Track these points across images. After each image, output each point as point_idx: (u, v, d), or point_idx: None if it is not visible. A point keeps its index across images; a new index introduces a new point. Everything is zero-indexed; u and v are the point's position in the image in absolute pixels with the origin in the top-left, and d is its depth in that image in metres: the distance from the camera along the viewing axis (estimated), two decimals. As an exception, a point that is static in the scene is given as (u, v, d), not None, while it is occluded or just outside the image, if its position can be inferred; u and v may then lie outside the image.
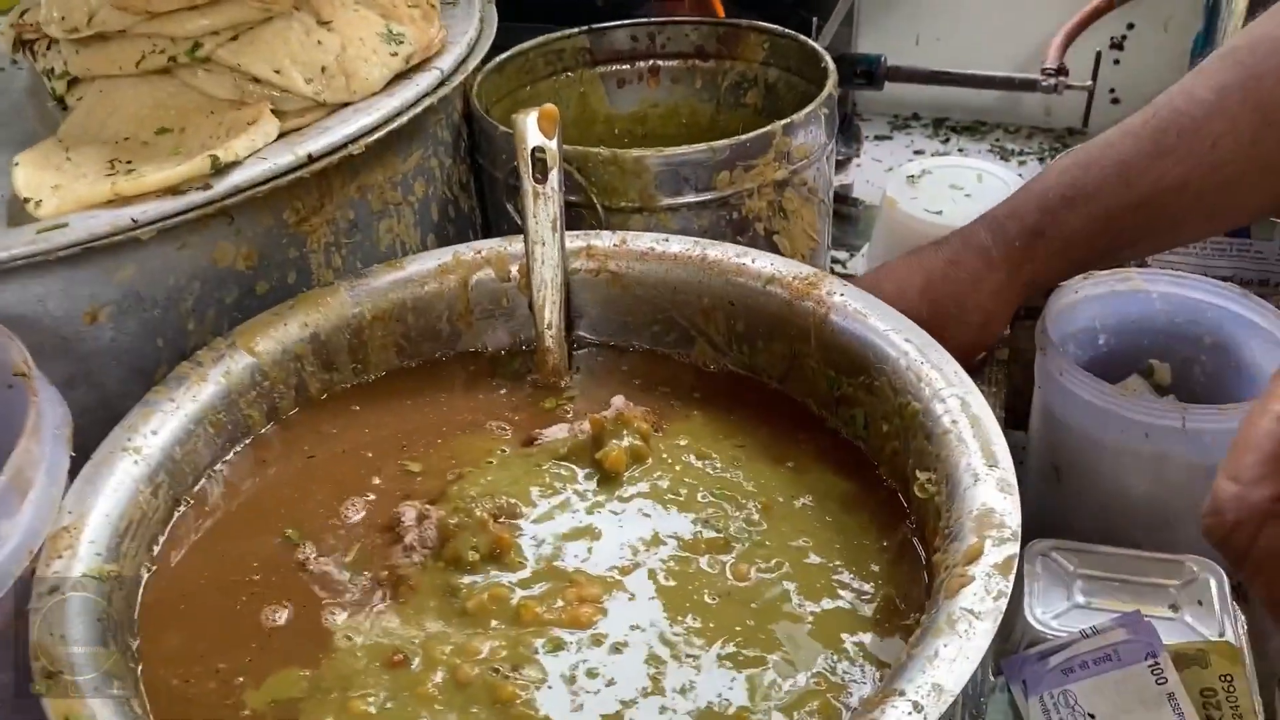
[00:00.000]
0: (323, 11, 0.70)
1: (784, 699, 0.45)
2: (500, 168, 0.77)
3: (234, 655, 0.48)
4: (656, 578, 0.52)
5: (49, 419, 0.51)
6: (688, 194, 0.74)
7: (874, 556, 0.53)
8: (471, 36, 0.79)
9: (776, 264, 0.64)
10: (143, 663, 0.48)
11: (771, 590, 0.51)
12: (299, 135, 0.66)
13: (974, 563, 0.45)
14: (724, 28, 0.93)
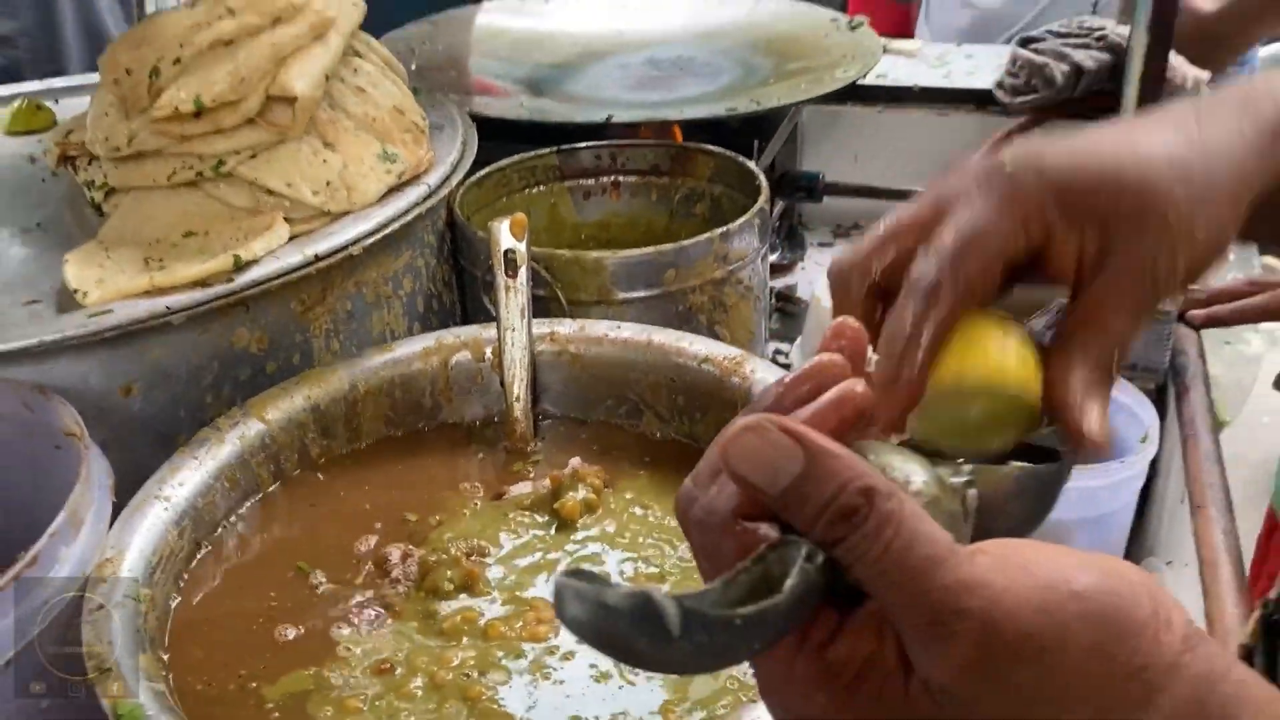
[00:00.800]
0: (328, 135, 0.83)
1: (702, 695, 0.55)
2: (478, 267, 0.89)
3: (251, 663, 0.58)
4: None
5: (96, 471, 0.62)
6: (640, 289, 0.86)
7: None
8: (455, 156, 0.92)
9: (710, 346, 0.76)
10: (171, 671, 0.58)
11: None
12: (307, 239, 0.78)
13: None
14: (676, 150, 1.07)
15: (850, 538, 0.30)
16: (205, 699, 0.56)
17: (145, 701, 0.51)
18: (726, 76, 1.28)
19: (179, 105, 0.77)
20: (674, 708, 0.55)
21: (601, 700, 0.55)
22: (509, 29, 1.42)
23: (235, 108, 0.78)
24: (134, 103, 0.81)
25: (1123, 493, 0.74)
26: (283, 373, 0.77)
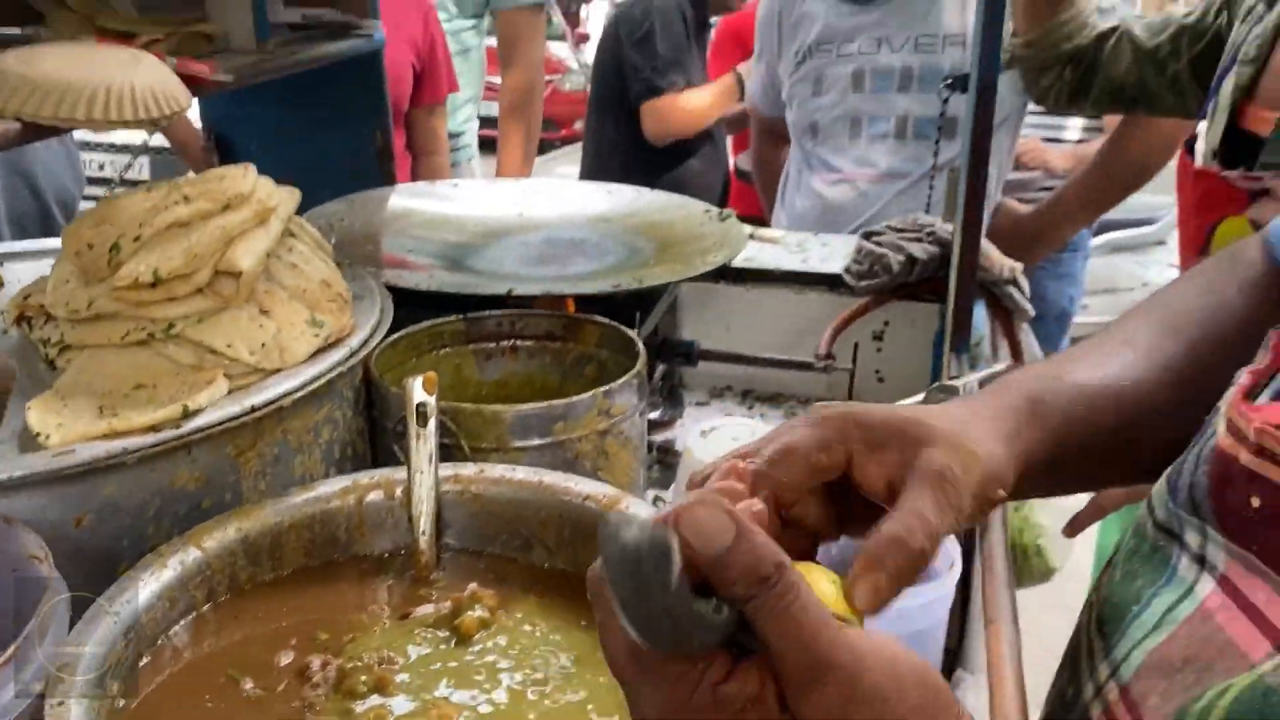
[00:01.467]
0: (265, 304, 0.97)
1: (577, 771, 0.67)
2: (389, 418, 1.02)
3: (189, 753, 0.67)
4: (495, 700, 0.73)
5: (58, 589, 0.71)
6: (533, 439, 1.00)
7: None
8: (373, 322, 1.06)
9: (591, 486, 0.89)
10: (117, 761, 0.67)
11: (574, 706, 0.73)
12: (244, 392, 0.90)
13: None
14: (567, 319, 1.23)
15: (760, 596, 0.41)
16: (149, 783, 0.65)
17: (104, 778, 0.60)
18: (614, 256, 1.45)
19: (138, 276, 0.90)
20: (553, 783, 0.66)
21: (492, 776, 0.66)
22: (419, 210, 1.59)
23: (187, 279, 0.91)
24: (94, 273, 0.93)
25: (934, 611, 0.89)
26: (216, 508, 0.88)
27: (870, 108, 2.06)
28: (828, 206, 2.12)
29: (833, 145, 2.11)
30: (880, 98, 2.05)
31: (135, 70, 1.03)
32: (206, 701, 0.73)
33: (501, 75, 2.60)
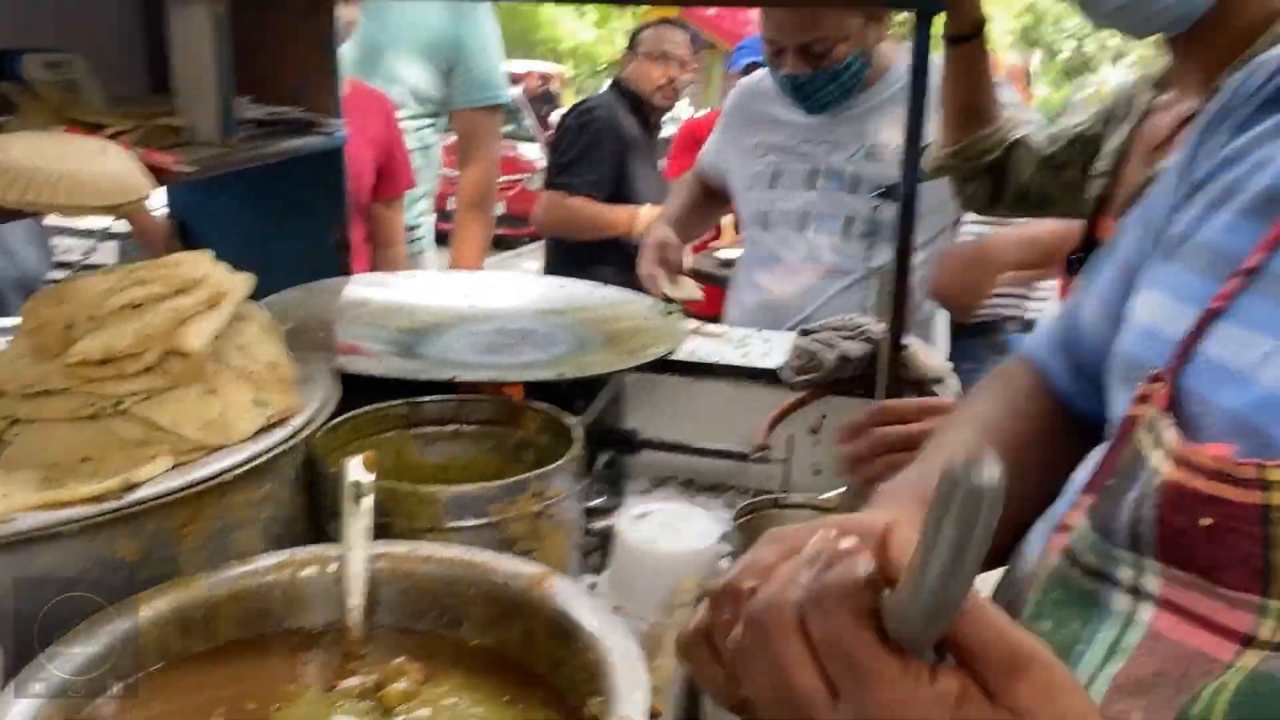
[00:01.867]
0: (213, 383, 1.01)
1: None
2: (329, 498, 1.05)
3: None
4: (413, 769, 0.76)
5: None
6: (468, 519, 1.04)
7: (563, 757, 0.78)
8: (318, 404, 1.10)
9: (519, 565, 0.93)
10: (38, 822, 0.68)
11: (490, 775, 0.75)
12: (187, 467, 0.94)
13: (611, 742, 0.71)
14: (509, 405, 1.27)
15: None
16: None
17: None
18: (561, 347, 1.51)
19: (90, 355, 0.94)
20: (463, 847, 0.68)
21: (404, 839, 0.68)
22: (375, 299, 1.64)
23: (137, 358, 0.95)
24: (48, 350, 0.97)
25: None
26: (153, 580, 0.90)
27: (821, 206, 2.15)
28: (775, 300, 2.20)
29: (781, 237, 2.20)
30: (831, 197, 2.15)
31: (100, 159, 1.08)
32: (131, 766, 0.75)
33: (459, 172, 2.70)
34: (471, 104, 2.63)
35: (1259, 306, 0.64)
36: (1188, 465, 0.60)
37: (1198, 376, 0.65)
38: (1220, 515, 0.57)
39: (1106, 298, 0.85)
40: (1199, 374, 0.65)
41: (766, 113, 2.27)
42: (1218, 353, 0.65)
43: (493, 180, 2.71)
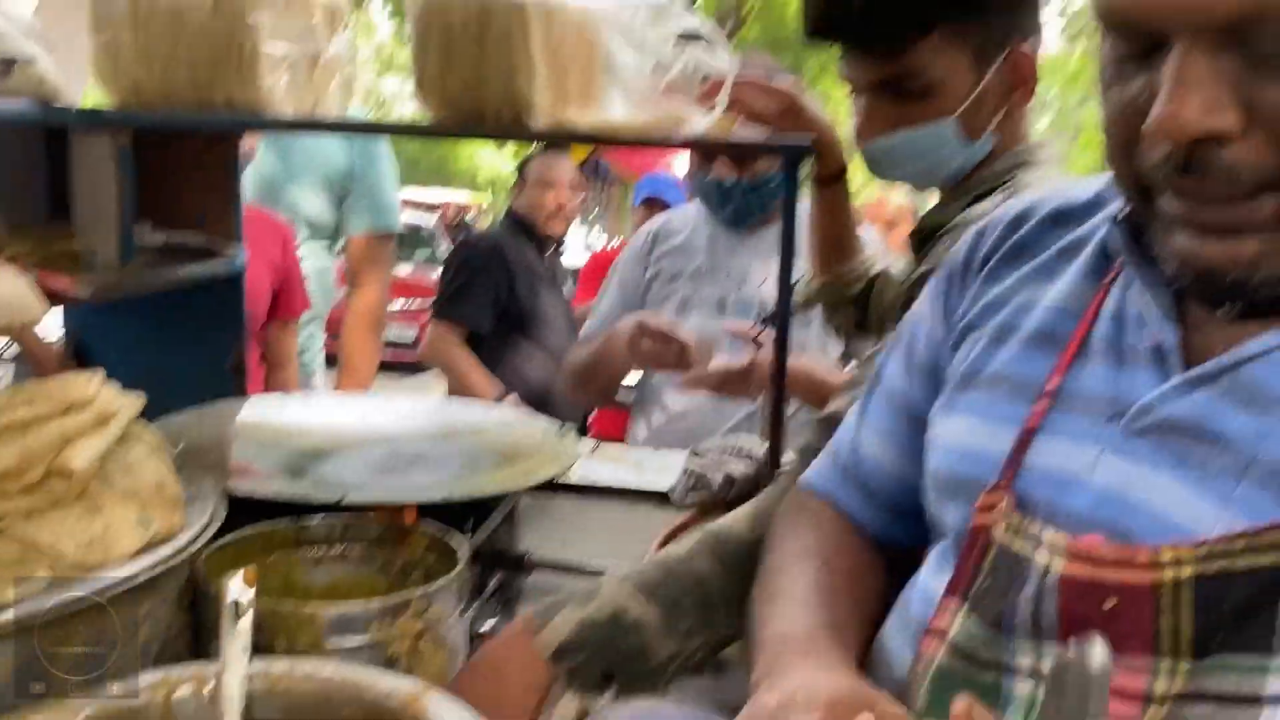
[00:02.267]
0: (96, 502, 1.01)
1: None
2: (211, 618, 1.06)
3: None
4: None
5: None
6: (349, 638, 1.05)
7: None
8: (204, 523, 1.11)
9: (395, 682, 0.94)
10: None
11: None
12: (64, 585, 0.94)
13: None
14: (396, 527, 1.29)
15: None
16: None
17: None
18: (455, 468, 1.54)
19: (-30, 473, 0.94)
20: None
21: None
22: (269, 421, 1.66)
23: (19, 477, 0.96)
24: (-73, 469, 0.97)
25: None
26: (25, 701, 0.90)
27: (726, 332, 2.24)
28: (681, 422, 2.27)
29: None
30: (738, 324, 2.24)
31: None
32: None
33: (349, 295, 2.76)
34: (364, 231, 2.71)
35: (1069, 422, 0.75)
36: (1087, 559, 0.69)
37: (1034, 484, 0.76)
38: (1121, 596, 0.67)
39: (885, 430, 0.99)
40: (1036, 482, 0.76)
41: (675, 244, 2.37)
42: (1046, 463, 0.76)
43: (382, 304, 2.78)
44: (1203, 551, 0.65)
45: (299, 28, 1.45)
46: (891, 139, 1.40)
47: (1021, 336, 0.85)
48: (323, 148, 2.64)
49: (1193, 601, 0.65)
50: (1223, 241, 0.67)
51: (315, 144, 2.63)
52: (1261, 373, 0.69)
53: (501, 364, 3.27)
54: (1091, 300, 0.83)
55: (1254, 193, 0.65)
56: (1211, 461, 0.69)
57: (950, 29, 1.35)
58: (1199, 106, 0.64)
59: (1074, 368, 0.80)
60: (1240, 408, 0.68)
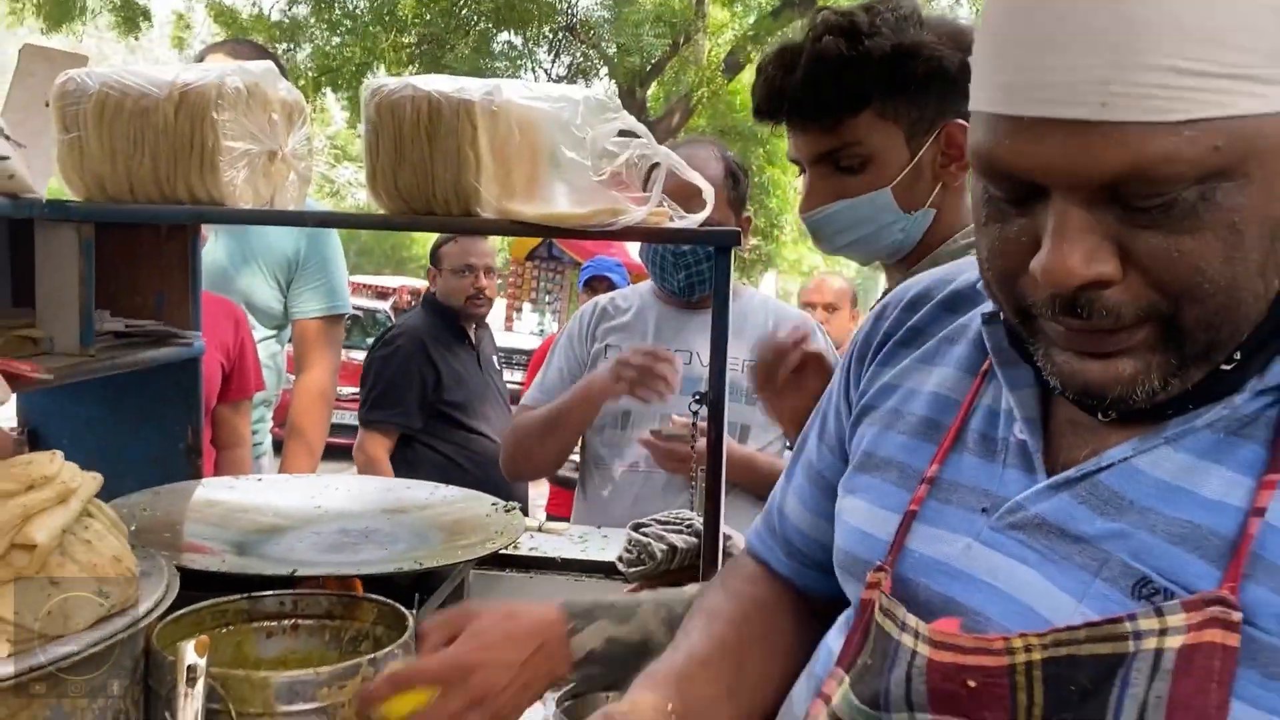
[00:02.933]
0: (56, 574, 1.06)
1: None
2: (164, 686, 1.10)
3: None
4: None
5: None
6: (299, 704, 1.09)
7: None
8: (158, 596, 1.15)
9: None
10: None
11: None
12: (23, 655, 0.98)
13: None
14: (346, 599, 1.34)
15: None
16: None
17: None
18: (403, 544, 1.59)
19: (-65, 548, 0.99)
20: None
21: None
22: (222, 501, 1.70)
23: (-18, 551, 1.01)
24: (-109, 545, 1.01)
25: None
26: (-21, 769, 0.93)
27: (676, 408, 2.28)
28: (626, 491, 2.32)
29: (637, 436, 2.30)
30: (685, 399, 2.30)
31: (-41, 367, 1.16)
32: None
33: (295, 378, 2.79)
34: (310, 314, 2.75)
35: (945, 510, 0.83)
36: (950, 647, 0.76)
37: (912, 567, 0.84)
38: (980, 677, 0.74)
39: (804, 497, 1.07)
40: (913, 565, 0.84)
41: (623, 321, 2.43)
42: (922, 549, 0.83)
43: (332, 383, 2.80)
44: (1049, 639, 0.72)
45: (258, 124, 1.53)
46: (832, 208, 1.50)
47: (910, 422, 0.92)
48: (272, 234, 2.70)
49: (1042, 680, 0.72)
50: (1102, 362, 0.72)
51: (264, 230, 2.69)
52: (1116, 480, 0.75)
53: (437, 456, 3.25)
54: (968, 390, 0.89)
55: (1134, 325, 0.70)
56: (1072, 558, 0.75)
57: (882, 106, 1.46)
58: (1081, 257, 0.68)
59: (951, 457, 0.87)
60: (1097, 511, 0.75)
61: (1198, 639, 0.67)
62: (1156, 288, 0.69)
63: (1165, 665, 0.68)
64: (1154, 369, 0.72)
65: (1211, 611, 0.67)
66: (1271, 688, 0.66)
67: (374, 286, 14.77)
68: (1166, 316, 0.70)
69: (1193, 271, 0.68)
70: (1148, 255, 0.68)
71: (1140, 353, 0.72)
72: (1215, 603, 0.67)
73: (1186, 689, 0.67)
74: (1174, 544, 0.71)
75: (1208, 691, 0.66)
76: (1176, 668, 0.68)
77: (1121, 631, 0.70)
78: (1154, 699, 0.68)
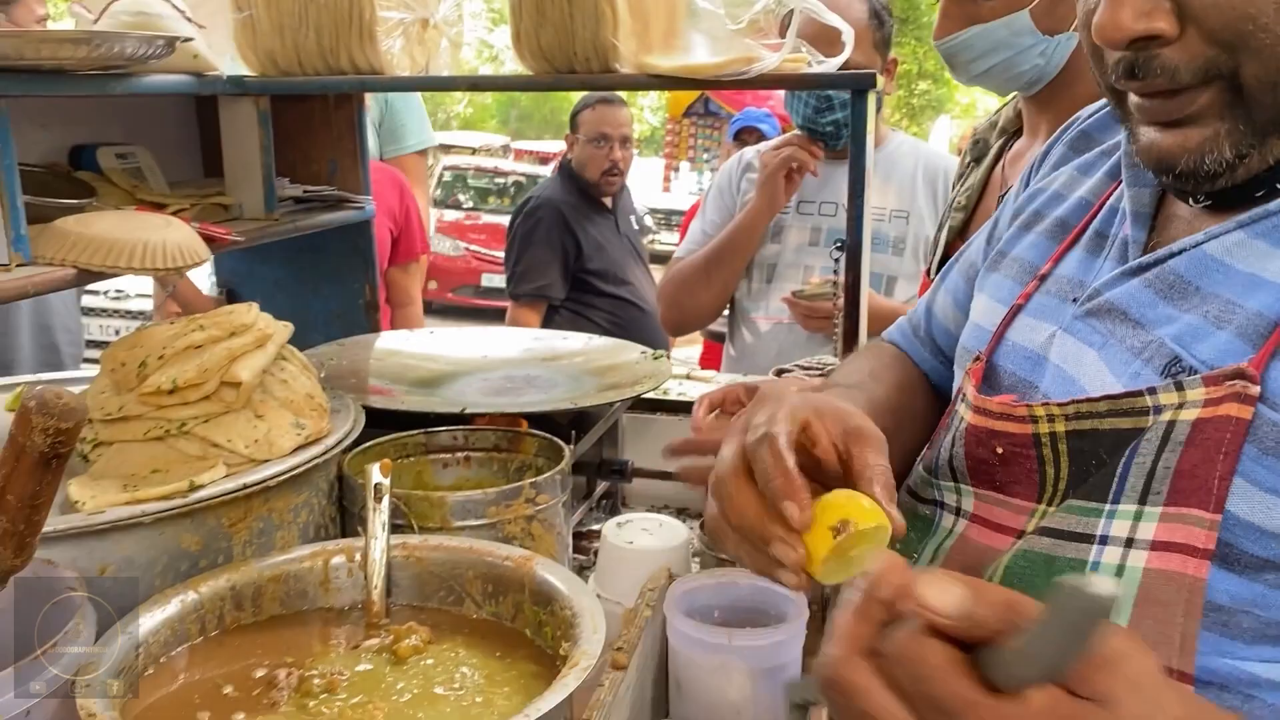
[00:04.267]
0: (259, 409, 1.22)
1: (475, 741, 0.87)
2: (355, 506, 1.25)
3: (179, 727, 0.89)
4: (417, 700, 0.94)
5: (88, 610, 0.94)
6: (470, 520, 1.23)
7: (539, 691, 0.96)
8: (347, 428, 1.30)
9: (510, 550, 1.12)
10: (126, 734, 0.88)
11: (478, 706, 0.94)
12: (237, 475, 1.14)
13: (573, 669, 0.90)
14: (511, 434, 1.47)
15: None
16: (149, 747, 0.86)
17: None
18: (561, 388, 1.71)
19: (160, 385, 1.15)
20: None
21: (409, 741, 0.87)
22: (399, 350, 1.86)
23: (198, 388, 1.17)
24: (125, 384, 1.19)
25: (788, 648, 1.10)
26: (211, 568, 1.10)
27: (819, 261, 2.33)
28: (771, 343, 2.39)
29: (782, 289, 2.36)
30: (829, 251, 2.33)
31: (166, 231, 1.31)
32: (195, 698, 0.94)
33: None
34: (397, 152, 2.90)
35: (1044, 302, 0.85)
36: (982, 411, 0.80)
37: (1004, 355, 0.87)
38: (1007, 444, 0.77)
39: (954, 291, 1.08)
40: (1005, 354, 0.87)
41: None
42: (1016, 338, 0.86)
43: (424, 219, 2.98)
44: (1070, 409, 0.74)
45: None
46: (966, 33, 1.48)
47: (1045, 224, 0.93)
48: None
49: (1068, 454, 0.74)
50: (1173, 131, 0.74)
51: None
52: (1185, 265, 0.75)
53: (582, 321, 3.34)
54: (1104, 194, 0.91)
55: (1196, 86, 0.71)
56: (1125, 342, 0.76)
57: None
58: (1131, 12, 0.69)
59: (1067, 254, 0.89)
60: (1163, 296, 0.75)
61: (1213, 412, 0.68)
62: (1211, 41, 0.69)
63: (1178, 437, 0.69)
64: (1223, 137, 0.72)
65: (1232, 386, 0.67)
66: (1266, 463, 0.67)
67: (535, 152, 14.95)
68: (1227, 76, 0.70)
69: (1244, 19, 0.67)
70: (1199, 7, 0.68)
71: (1208, 120, 0.72)
72: (1236, 376, 0.67)
73: (1193, 459, 0.68)
74: (1219, 326, 0.71)
75: (1214, 462, 0.67)
76: (1188, 439, 0.69)
77: (1141, 405, 0.71)
78: (1161, 469, 0.70)
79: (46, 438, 0.74)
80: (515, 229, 3.50)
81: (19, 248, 1.20)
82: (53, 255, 1.24)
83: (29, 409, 0.73)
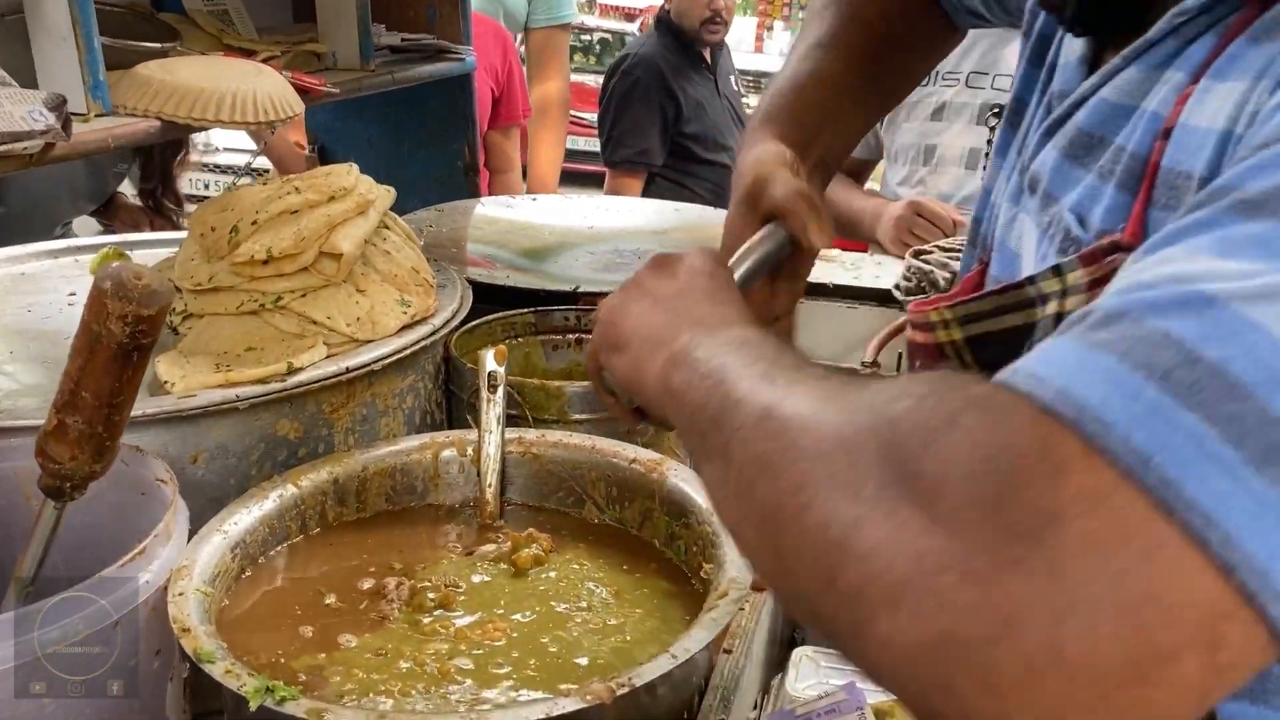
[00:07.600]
0: (361, 284, 1.10)
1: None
2: (464, 391, 1.14)
3: (281, 647, 0.79)
4: (541, 621, 0.84)
5: (180, 506, 0.84)
6: (589, 413, 1.11)
7: (677, 616, 0.86)
8: (454, 307, 1.18)
9: (637, 451, 1.00)
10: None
11: (611, 628, 0.83)
12: (339, 357, 1.03)
13: (722, 599, 0.78)
14: (628, 314, 1.34)
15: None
16: (248, 666, 0.77)
17: (214, 648, 0.72)
18: (676, 265, 1.57)
19: (254, 254, 1.03)
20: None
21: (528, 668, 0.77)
22: (500, 218, 1.72)
23: (295, 259, 1.05)
24: (215, 251, 1.07)
25: None
26: (310, 458, 1.01)
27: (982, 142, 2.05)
28: None
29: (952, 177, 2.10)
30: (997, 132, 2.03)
31: (257, 80, 1.18)
32: (296, 609, 0.85)
33: (530, 87, 2.76)
34: (543, 23, 2.73)
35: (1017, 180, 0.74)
36: (911, 325, 0.71)
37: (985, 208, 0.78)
38: (923, 359, 0.69)
39: None
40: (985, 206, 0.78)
41: None
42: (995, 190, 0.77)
43: (564, 95, 2.80)
44: (960, 312, 0.66)
45: None
46: None
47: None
48: None
49: (976, 366, 0.67)
50: None
51: None
52: (1087, 117, 0.65)
53: (680, 189, 3.11)
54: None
55: None
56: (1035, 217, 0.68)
57: None
58: None
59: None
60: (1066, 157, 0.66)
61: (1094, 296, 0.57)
62: None
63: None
64: None
65: (1111, 262, 0.58)
66: None
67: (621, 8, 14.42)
68: None
69: None
70: None
71: None
72: (1113, 250, 0.58)
73: None
74: (1105, 180, 0.62)
75: None
76: None
77: (1026, 297, 0.63)
78: None
79: (125, 327, 0.63)
80: (611, 89, 3.27)
81: (97, 95, 1.08)
82: (134, 105, 1.11)
83: (104, 291, 0.62)
